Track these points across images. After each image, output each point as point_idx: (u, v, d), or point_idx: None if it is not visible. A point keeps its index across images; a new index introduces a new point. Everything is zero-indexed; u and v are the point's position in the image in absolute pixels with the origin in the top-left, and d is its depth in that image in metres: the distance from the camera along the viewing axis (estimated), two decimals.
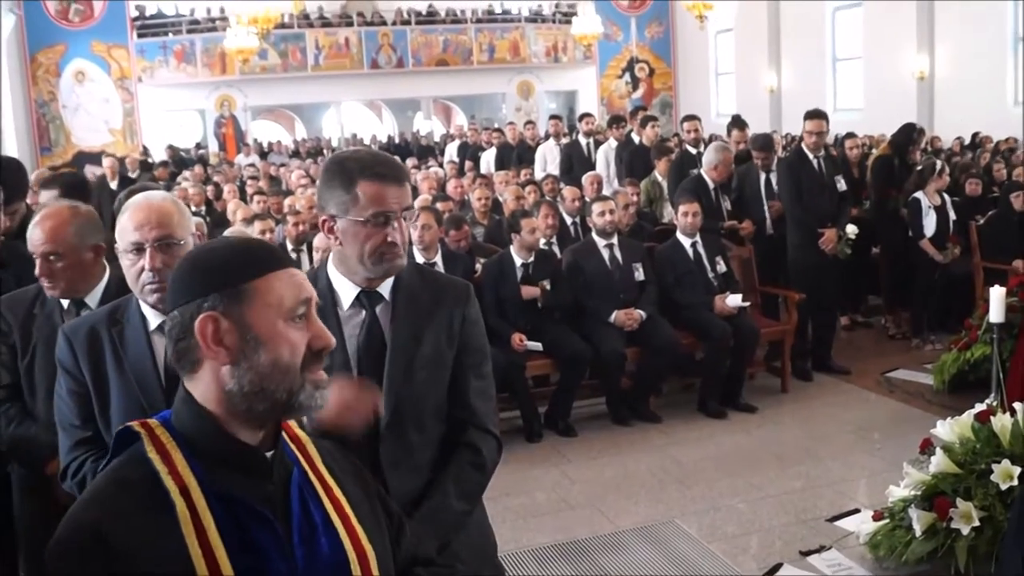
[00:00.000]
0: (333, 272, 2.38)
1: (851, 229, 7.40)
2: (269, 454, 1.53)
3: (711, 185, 7.65)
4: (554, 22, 26.80)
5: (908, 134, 8.92)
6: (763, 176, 7.88)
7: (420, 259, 6.18)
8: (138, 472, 1.43)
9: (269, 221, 7.38)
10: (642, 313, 6.62)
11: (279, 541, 1.46)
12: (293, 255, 7.35)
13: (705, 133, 12.84)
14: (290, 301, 1.50)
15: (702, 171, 7.76)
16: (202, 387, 1.49)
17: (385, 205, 2.25)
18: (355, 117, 29.86)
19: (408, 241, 2.35)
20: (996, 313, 5.40)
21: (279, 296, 1.49)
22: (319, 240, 6.41)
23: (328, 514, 1.54)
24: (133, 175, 12.98)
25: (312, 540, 1.51)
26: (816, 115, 7.51)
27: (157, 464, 1.43)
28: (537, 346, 6.39)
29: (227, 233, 6.69)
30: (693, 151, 8.86)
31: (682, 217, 6.99)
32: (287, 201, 8.91)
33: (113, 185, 10.32)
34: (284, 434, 1.59)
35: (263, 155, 21.14)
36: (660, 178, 9.02)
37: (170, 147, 20.89)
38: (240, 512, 1.44)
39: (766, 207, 7.90)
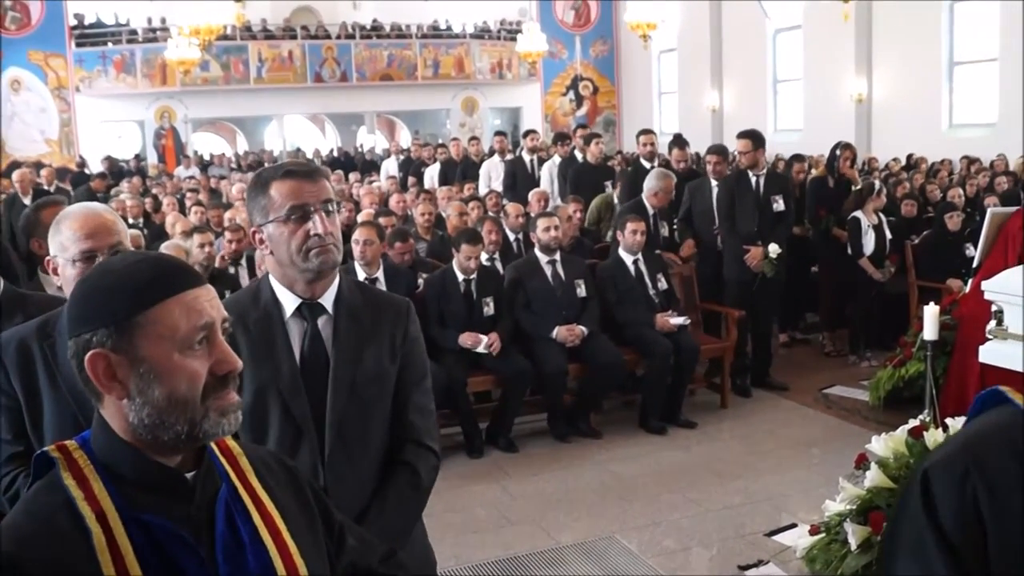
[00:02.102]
0: (275, 283, 2.39)
1: (773, 248, 7.44)
2: (192, 474, 1.49)
3: (650, 211, 7.69)
4: (499, 39, 26.90)
5: (832, 152, 9.11)
6: (715, 191, 7.90)
7: (362, 274, 6.15)
8: (54, 499, 1.40)
9: (208, 234, 7.30)
10: (584, 329, 6.64)
11: (200, 562, 1.43)
12: (231, 270, 7.28)
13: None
14: (185, 330, 1.43)
15: (643, 196, 7.81)
16: (110, 415, 1.46)
17: (300, 199, 2.27)
18: (298, 131, 29.71)
19: (339, 237, 2.35)
20: (930, 331, 5.50)
21: (173, 326, 1.42)
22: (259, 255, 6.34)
23: (257, 530, 1.51)
24: (50, 188, 12.63)
25: (238, 558, 1.47)
26: (743, 135, 7.63)
27: (73, 490, 1.40)
28: (486, 340, 6.39)
29: (164, 246, 6.61)
30: (648, 165, 8.93)
31: (629, 235, 7.04)
32: (227, 214, 8.82)
33: (26, 200, 9.98)
34: (215, 447, 1.55)
35: (203, 168, 20.90)
36: (616, 199, 9.08)
37: (108, 158, 20.56)
38: (160, 535, 1.41)
39: (717, 222, 7.95)
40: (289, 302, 2.37)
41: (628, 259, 7.07)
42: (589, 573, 4.71)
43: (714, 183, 7.81)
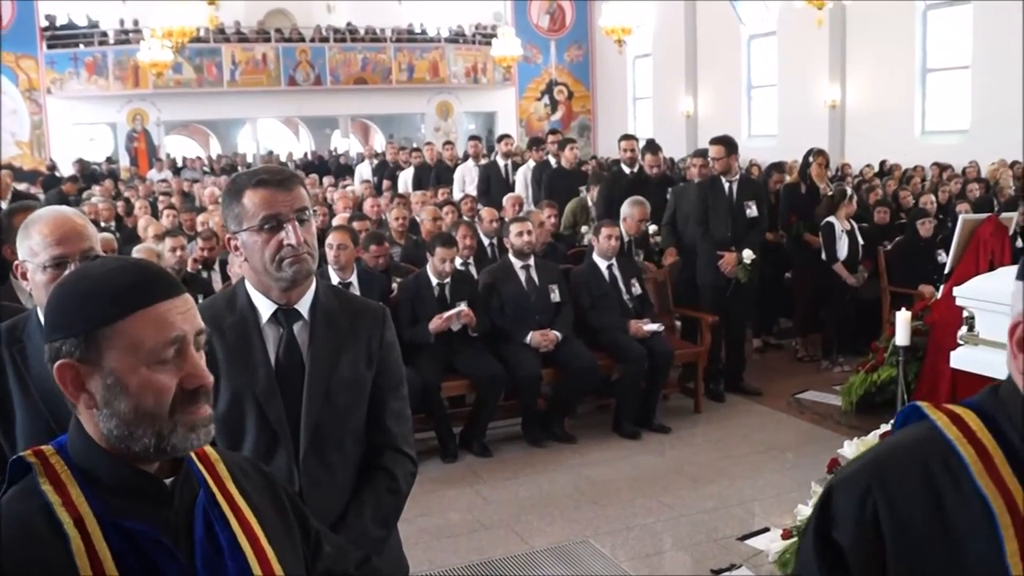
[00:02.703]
0: (251, 289, 2.38)
1: (747, 254, 7.48)
2: (171, 480, 1.48)
3: (625, 238, 7.63)
4: (474, 43, 26.89)
5: (805, 158, 9.17)
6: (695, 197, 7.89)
7: (335, 279, 6.13)
8: (31, 504, 1.38)
9: (180, 237, 7.24)
10: (558, 334, 6.65)
11: (180, 568, 1.42)
12: (204, 274, 7.24)
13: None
14: (153, 344, 1.41)
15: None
16: (85, 421, 1.45)
17: (273, 208, 2.26)
18: (271, 134, 29.58)
19: (314, 245, 2.35)
20: (902, 336, 5.56)
21: (139, 340, 1.40)
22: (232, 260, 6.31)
23: (235, 536, 1.50)
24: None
25: (217, 564, 1.47)
26: (716, 141, 7.66)
27: (50, 495, 1.39)
28: (456, 310, 6.39)
29: (136, 250, 6.56)
30: (628, 170, 8.94)
31: (604, 240, 7.05)
32: (200, 218, 8.77)
33: (2, 204, 9.85)
34: (192, 454, 1.54)
35: (176, 171, 20.79)
36: (590, 202, 9.08)
37: (79, 161, 20.41)
38: (141, 541, 1.40)
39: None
40: (265, 308, 2.37)
41: (602, 264, 7.08)
42: None
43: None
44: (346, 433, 2.39)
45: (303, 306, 2.38)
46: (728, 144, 7.64)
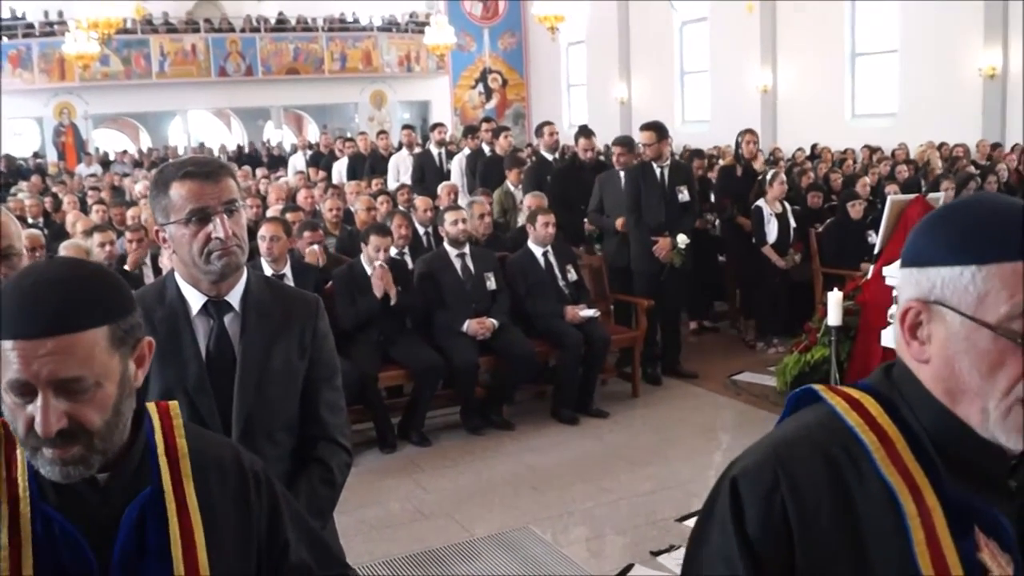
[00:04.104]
0: (180, 281, 2.36)
1: (682, 239, 7.55)
2: (106, 475, 1.44)
3: (540, 250, 7.39)
4: (407, 32, 26.72)
5: (736, 140, 9.29)
6: (623, 184, 7.92)
7: (269, 271, 6.05)
8: None
9: (109, 233, 7.12)
10: (495, 322, 6.65)
11: (87, 563, 1.40)
12: (136, 272, 7.10)
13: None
14: (4, 377, 1.34)
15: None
16: None
17: (201, 201, 2.24)
18: (203, 126, 29.10)
19: (244, 237, 2.32)
20: (834, 316, 5.65)
21: None
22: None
23: (169, 539, 1.46)
24: None
25: (137, 565, 1.43)
26: (647, 127, 7.70)
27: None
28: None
29: (64, 246, 6.43)
30: (549, 157, 8.96)
31: (541, 227, 7.05)
32: (130, 212, 8.62)
33: None
34: (160, 446, 1.50)
35: (105, 165, 20.37)
36: (512, 188, 9.08)
37: (5, 157, 19.91)
38: (57, 532, 1.39)
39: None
40: (195, 300, 2.34)
41: (538, 251, 7.09)
42: (505, 564, 4.72)
43: (622, 174, 7.87)
44: (279, 425, 2.38)
45: (234, 297, 2.36)
46: (659, 130, 7.69)
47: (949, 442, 1.24)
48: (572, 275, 7.14)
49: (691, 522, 4.97)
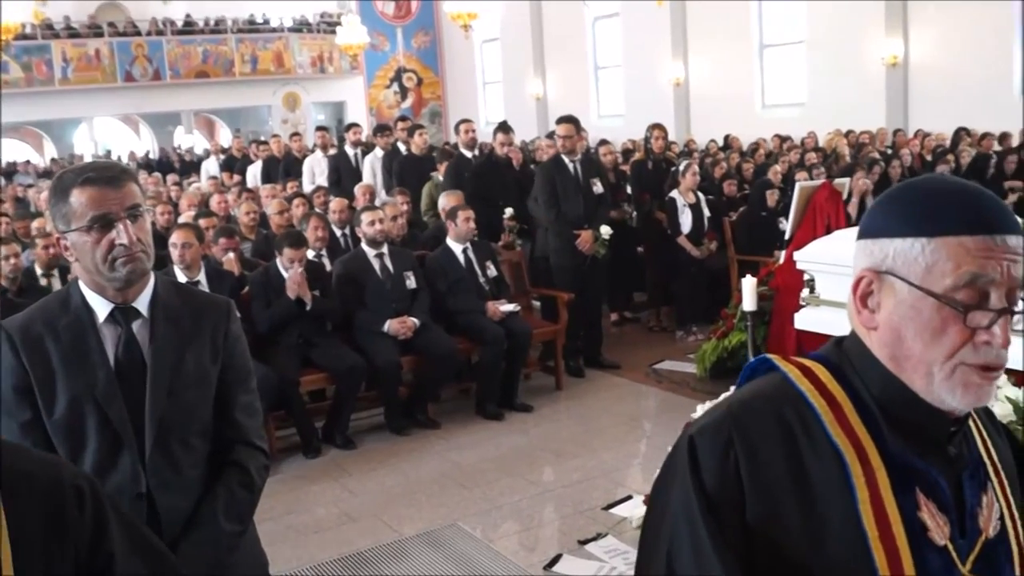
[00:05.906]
0: (85, 289, 2.31)
1: (605, 230, 7.63)
2: None
3: (459, 247, 7.33)
4: (319, 32, 26.44)
5: (645, 135, 9.42)
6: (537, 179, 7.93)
7: (182, 278, 5.94)
8: None
9: (14, 245, 6.89)
10: (416, 321, 6.62)
11: None
12: (43, 280, 6.92)
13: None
14: None
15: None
16: None
17: (103, 207, 2.20)
18: (110, 133, 28.43)
19: (149, 243, 2.29)
20: (749, 302, 5.75)
21: None
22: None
23: None
24: None
25: None
26: (565, 120, 7.75)
27: None
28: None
29: None
30: (468, 154, 8.96)
31: (462, 223, 7.03)
32: (35, 224, 8.38)
33: None
34: None
35: (8, 176, 19.77)
36: (442, 180, 9.06)
37: None
38: None
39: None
40: (101, 307, 2.30)
41: (457, 248, 7.08)
42: (434, 562, 4.71)
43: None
44: (193, 430, 2.35)
45: (141, 303, 2.32)
46: (577, 123, 7.76)
47: (894, 406, 1.32)
48: (492, 271, 7.15)
49: (617, 509, 5.05)
